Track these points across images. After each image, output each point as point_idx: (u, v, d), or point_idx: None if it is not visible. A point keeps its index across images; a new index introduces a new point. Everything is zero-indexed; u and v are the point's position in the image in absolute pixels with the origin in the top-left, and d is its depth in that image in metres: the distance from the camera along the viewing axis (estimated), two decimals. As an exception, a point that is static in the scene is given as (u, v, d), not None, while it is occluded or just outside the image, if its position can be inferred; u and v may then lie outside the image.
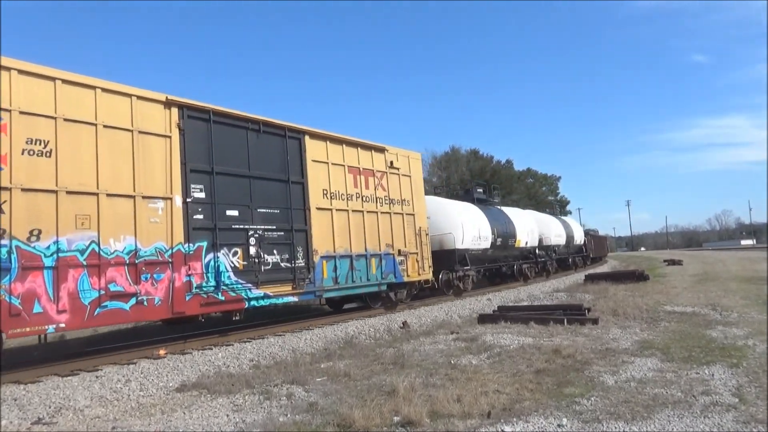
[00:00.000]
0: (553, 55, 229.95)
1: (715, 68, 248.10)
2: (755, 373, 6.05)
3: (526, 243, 23.08)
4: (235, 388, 6.57)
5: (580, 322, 10.09)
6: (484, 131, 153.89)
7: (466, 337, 9.46)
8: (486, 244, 19.17)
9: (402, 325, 11.30)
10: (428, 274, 15.06)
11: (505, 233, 21.02)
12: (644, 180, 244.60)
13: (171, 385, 7.03)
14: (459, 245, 17.18)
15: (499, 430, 4.56)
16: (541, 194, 65.08)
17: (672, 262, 33.90)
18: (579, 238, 33.25)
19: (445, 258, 16.88)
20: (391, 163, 14.15)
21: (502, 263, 21.50)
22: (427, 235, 15.23)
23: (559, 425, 4.60)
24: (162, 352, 8.69)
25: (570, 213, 74.18)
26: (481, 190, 23.59)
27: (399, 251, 13.80)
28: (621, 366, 6.69)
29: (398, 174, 14.41)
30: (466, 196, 22.45)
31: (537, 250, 24.53)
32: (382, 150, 14.03)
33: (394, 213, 13.98)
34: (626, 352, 7.57)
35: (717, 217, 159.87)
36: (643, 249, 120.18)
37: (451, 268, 16.91)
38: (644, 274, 20.16)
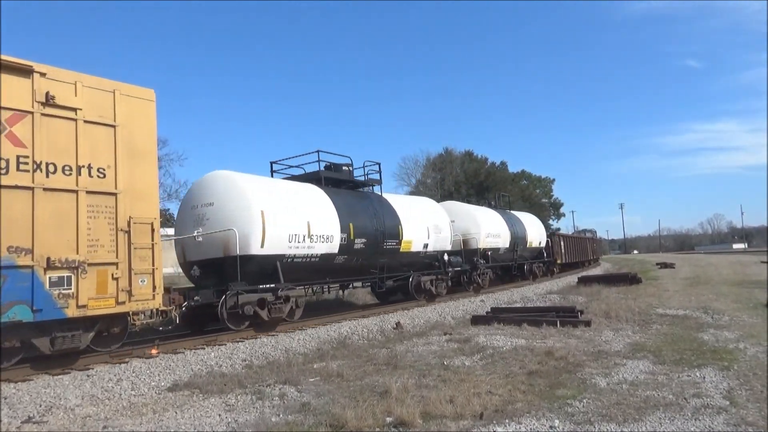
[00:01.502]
0: (548, 58, 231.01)
1: (708, 73, 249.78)
2: (746, 376, 6.10)
3: (425, 246, 15.68)
4: (227, 387, 6.56)
5: (572, 324, 10.15)
6: (479, 133, 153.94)
7: (459, 338, 9.49)
8: (327, 247, 12.17)
9: (395, 326, 11.31)
10: (152, 301, 8.37)
11: (376, 232, 13.67)
12: (637, 183, 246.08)
13: (163, 384, 6.99)
14: (255, 249, 10.43)
15: (492, 431, 4.57)
16: (535, 196, 65.31)
17: (664, 266, 34.12)
18: (537, 238, 25.56)
19: (230, 270, 10.31)
20: (50, 96, 7.46)
21: (381, 276, 14.19)
22: (154, 231, 8.47)
23: (551, 427, 4.62)
24: (154, 351, 8.63)
25: (564, 215, 74.66)
26: (346, 169, 14.89)
27: (50, 261, 7.19)
28: (613, 368, 6.73)
29: (74, 119, 7.78)
30: (312, 174, 14.09)
31: (447, 257, 16.88)
32: (24, 70, 7.31)
33: (48, 189, 7.38)
34: (618, 354, 7.61)
35: (709, 221, 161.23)
36: (635, 252, 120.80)
37: (227, 287, 10.10)
38: (637, 277, 20.32)
